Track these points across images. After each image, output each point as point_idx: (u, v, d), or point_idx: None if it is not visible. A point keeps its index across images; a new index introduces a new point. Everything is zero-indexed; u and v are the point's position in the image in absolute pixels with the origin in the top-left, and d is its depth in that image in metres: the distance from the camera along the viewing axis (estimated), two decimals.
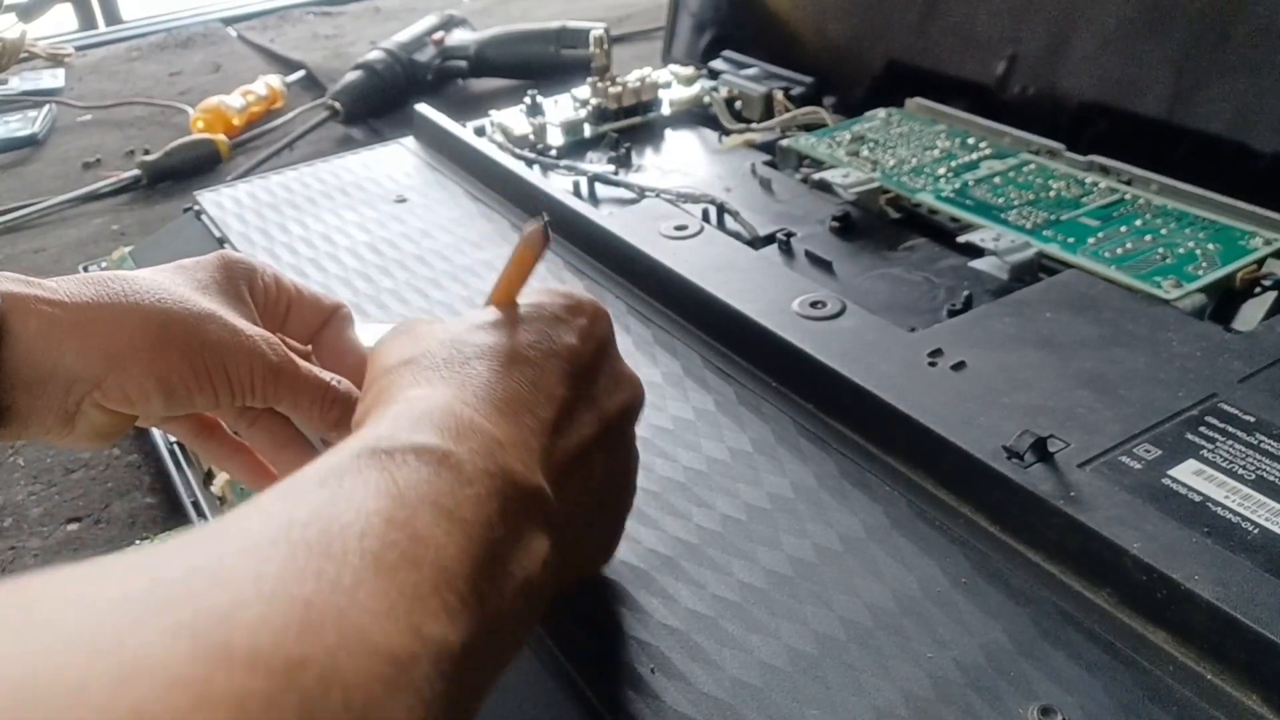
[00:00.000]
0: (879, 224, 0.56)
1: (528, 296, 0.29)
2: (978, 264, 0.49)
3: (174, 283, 0.34)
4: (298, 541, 0.18)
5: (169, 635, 0.14)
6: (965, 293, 0.48)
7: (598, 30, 0.72)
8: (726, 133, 0.69)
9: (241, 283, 0.36)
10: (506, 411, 0.25)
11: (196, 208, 0.64)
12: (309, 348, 0.39)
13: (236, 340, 0.33)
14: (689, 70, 0.75)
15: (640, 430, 0.39)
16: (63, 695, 0.13)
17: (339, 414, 0.36)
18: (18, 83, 1.16)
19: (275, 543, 0.17)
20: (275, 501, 0.19)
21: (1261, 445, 0.34)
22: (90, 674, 0.13)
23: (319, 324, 0.39)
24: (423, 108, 0.70)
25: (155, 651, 0.14)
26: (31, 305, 0.31)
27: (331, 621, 0.16)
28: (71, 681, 0.13)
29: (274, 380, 0.34)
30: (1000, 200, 0.54)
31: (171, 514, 0.51)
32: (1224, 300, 0.45)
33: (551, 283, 0.51)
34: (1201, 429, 0.35)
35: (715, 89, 0.72)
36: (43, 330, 0.31)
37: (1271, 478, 0.33)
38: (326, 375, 0.36)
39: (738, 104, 0.72)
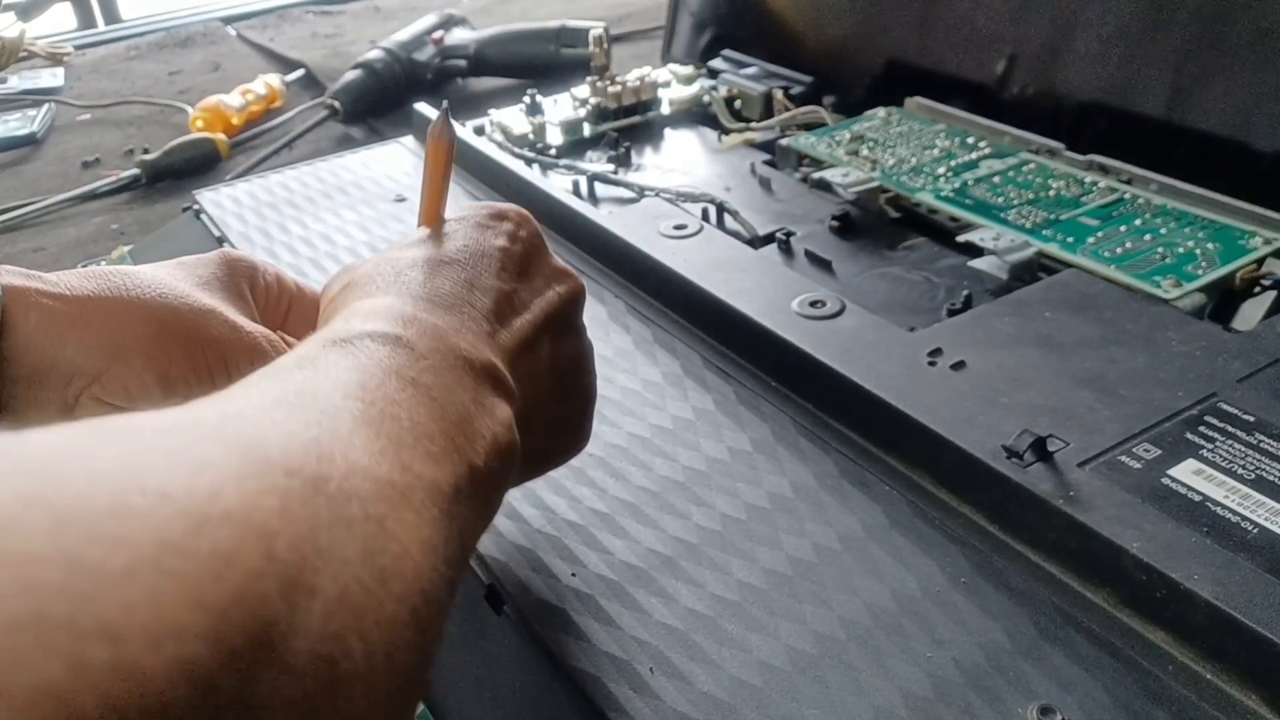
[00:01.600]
0: (878, 223, 0.56)
1: (452, 213, 0.31)
2: (977, 263, 0.49)
3: (176, 278, 0.34)
4: (294, 403, 0.20)
5: (223, 448, 0.17)
6: (965, 292, 0.48)
7: (597, 29, 0.72)
8: (726, 132, 0.69)
9: (243, 280, 0.36)
10: (445, 305, 0.27)
11: (196, 207, 0.64)
12: None
13: (237, 336, 0.33)
14: (688, 69, 0.75)
15: (641, 430, 0.40)
16: (153, 480, 0.15)
17: None
18: (17, 82, 1.16)
19: (277, 402, 0.20)
20: (260, 381, 0.21)
21: (1261, 445, 0.34)
22: (170, 467, 0.16)
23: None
24: (422, 107, 0.70)
25: (216, 456, 0.16)
26: (32, 298, 0.31)
27: (339, 455, 0.19)
28: (158, 471, 0.15)
29: None
30: (1000, 200, 0.54)
31: None
32: (1224, 300, 0.45)
33: None
34: (1201, 428, 0.35)
35: (715, 88, 0.72)
36: (43, 323, 0.31)
37: (1271, 477, 0.33)
38: None
39: (737, 103, 0.72)
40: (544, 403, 0.29)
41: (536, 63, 0.99)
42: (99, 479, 0.15)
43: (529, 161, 0.64)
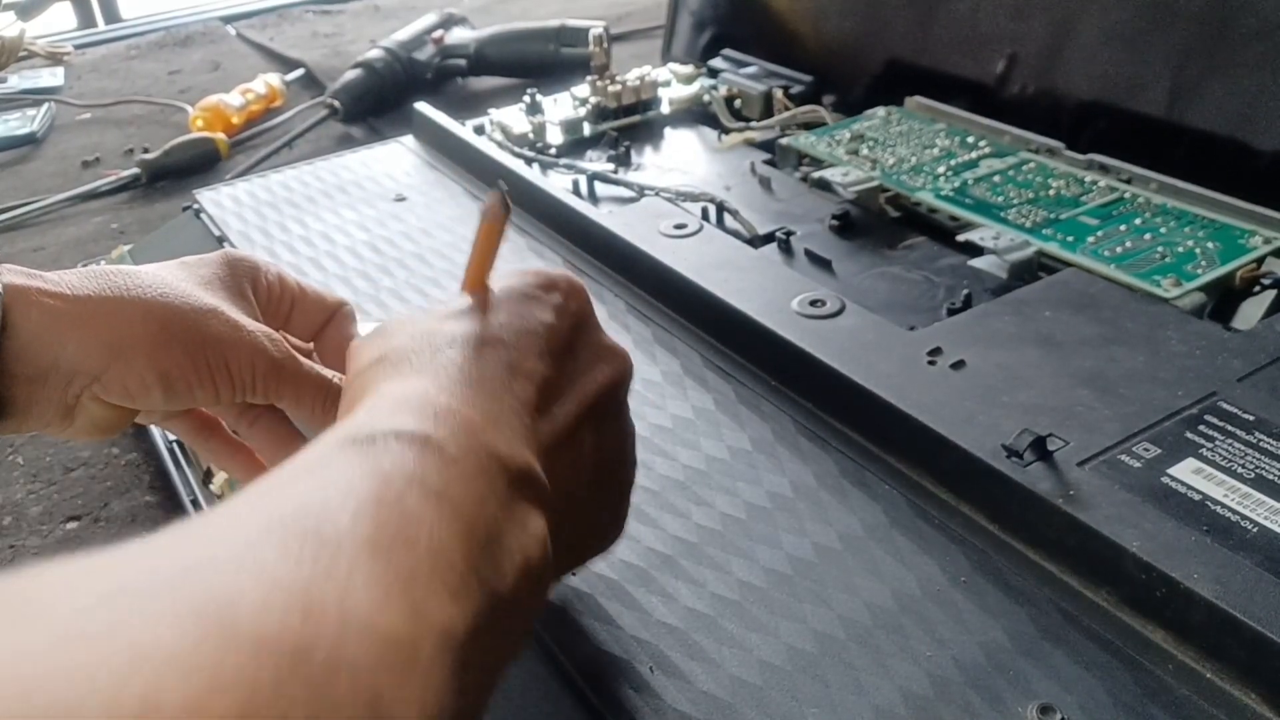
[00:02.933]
0: (878, 223, 0.56)
1: (500, 280, 0.28)
2: (977, 263, 0.49)
3: (177, 278, 0.34)
4: (290, 528, 0.17)
5: (174, 622, 0.14)
6: (965, 291, 0.48)
7: (597, 29, 0.72)
8: (726, 131, 0.69)
9: (245, 280, 0.36)
10: (483, 394, 0.24)
11: (196, 206, 0.64)
12: (311, 345, 0.39)
13: (238, 336, 0.33)
14: (688, 69, 0.75)
15: (640, 429, 0.39)
16: (69, 686, 0.13)
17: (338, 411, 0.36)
18: (17, 81, 1.16)
19: (268, 530, 0.17)
20: (263, 492, 0.19)
21: (1261, 444, 0.34)
22: (97, 662, 0.13)
23: (322, 322, 0.39)
24: (422, 106, 0.70)
25: (162, 638, 0.14)
26: (33, 297, 0.31)
27: (333, 607, 0.16)
28: (78, 671, 0.13)
29: (275, 376, 0.34)
30: (1000, 199, 0.54)
31: (171, 512, 0.51)
32: (1223, 299, 0.45)
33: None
34: (1201, 428, 0.35)
35: (715, 87, 0.72)
36: (44, 322, 0.31)
37: (1271, 476, 0.33)
38: (328, 373, 0.36)
39: (737, 102, 0.72)
40: (583, 500, 0.27)
41: (536, 62, 0.99)
42: (24, 654, 0.13)
43: (529, 161, 0.64)
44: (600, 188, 0.61)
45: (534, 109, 0.70)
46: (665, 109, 0.72)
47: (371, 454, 0.20)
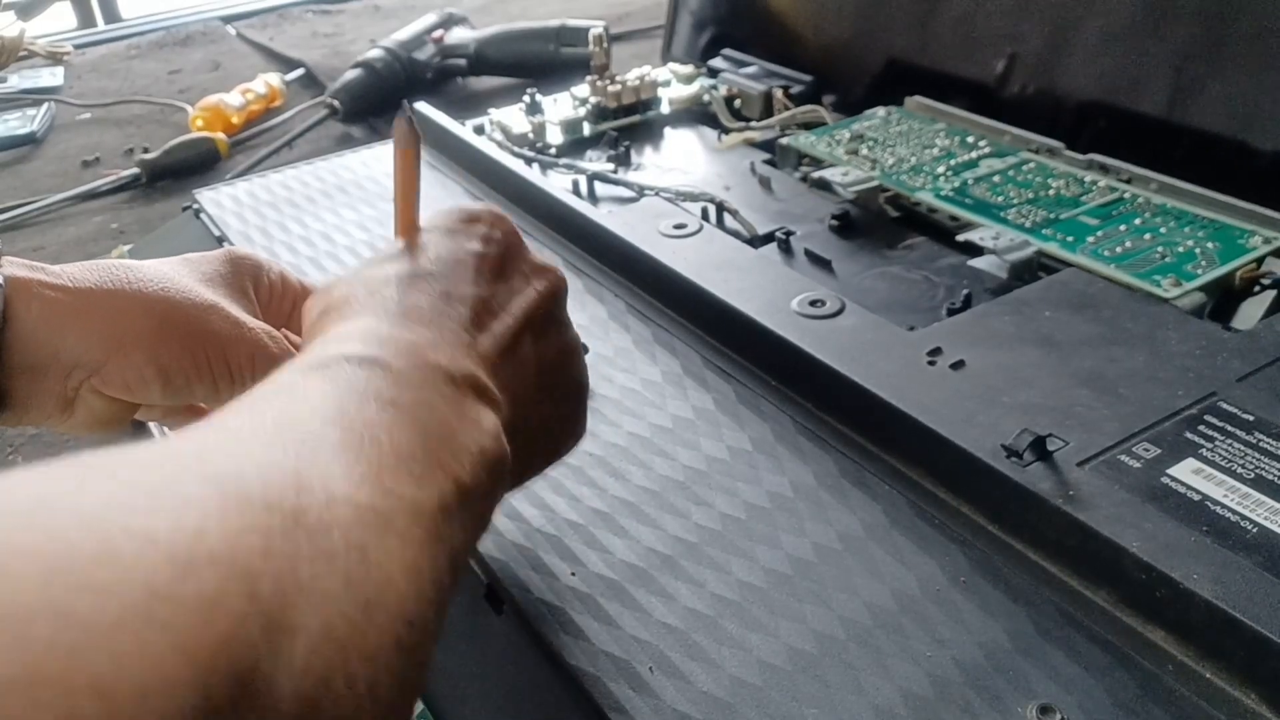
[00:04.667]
0: (878, 223, 0.56)
1: (427, 222, 0.30)
2: (977, 263, 0.49)
3: (179, 273, 0.34)
4: (272, 431, 0.20)
5: (200, 485, 0.16)
6: (964, 291, 0.48)
7: (597, 28, 0.72)
8: (726, 131, 0.69)
9: (246, 278, 0.36)
10: (420, 321, 0.26)
11: (196, 206, 0.64)
12: None
13: (238, 332, 0.33)
14: (688, 69, 0.75)
15: (640, 429, 0.40)
16: (139, 523, 0.15)
17: None
18: (17, 81, 1.16)
19: (254, 433, 0.20)
20: (239, 410, 0.21)
21: (1261, 444, 0.34)
22: (151, 509, 0.15)
23: None
24: (422, 106, 0.70)
25: (194, 495, 0.16)
26: (35, 289, 0.31)
27: (318, 484, 0.18)
28: (140, 515, 0.15)
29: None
30: (999, 199, 0.54)
31: None
32: (1223, 299, 0.45)
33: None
34: (1201, 428, 0.35)
35: (715, 87, 0.72)
36: (44, 314, 0.31)
37: (1270, 476, 0.33)
38: None
39: (737, 102, 0.72)
40: (534, 403, 0.29)
41: (536, 62, 0.99)
42: (86, 523, 0.15)
43: (529, 161, 0.64)
44: (600, 188, 0.61)
45: (534, 109, 0.70)
46: (665, 109, 0.72)
47: (329, 376, 0.23)
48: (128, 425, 0.37)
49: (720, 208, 0.57)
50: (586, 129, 0.69)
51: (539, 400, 0.29)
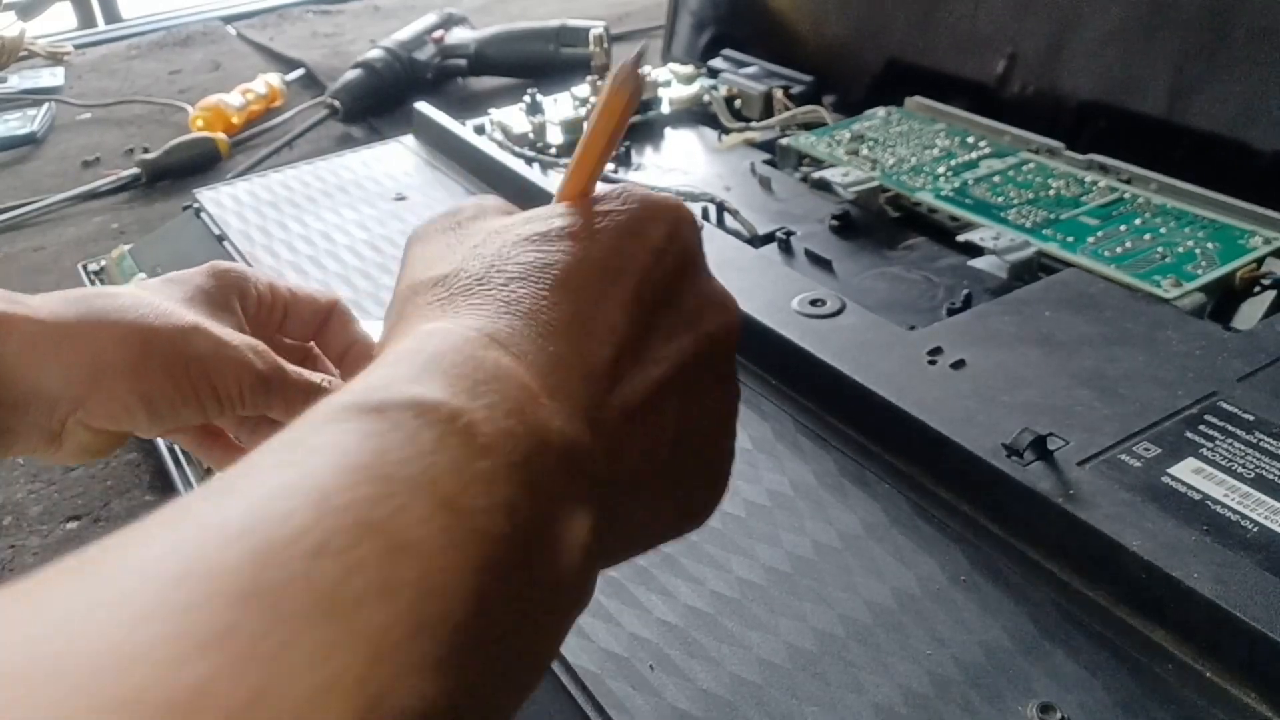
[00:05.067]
0: (878, 223, 0.56)
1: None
2: (977, 263, 0.49)
3: (160, 297, 0.34)
4: (217, 576, 0.13)
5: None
6: (965, 291, 0.48)
7: (597, 29, 0.72)
8: (726, 131, 0.69)
9: (231, 293, 0.36)
10: (549, 349, 0.19)
11: (196, 206, 0.64)
12: (311, 344, 0.39)
13: (221, 352, 0.33)
14: (689, 69, 0.75)
15: None
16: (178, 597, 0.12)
17: None
18: (17, 81, 1.16)
19: (179, 582, 0.13)
20: (205, 504, 0.15)
21: (1261, 444, 0.34)
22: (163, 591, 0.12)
23: (318, 322, 0.39)
24: (422, 106, 0.70)
25: None
26: (14, 324, 0.31)
27: (245, 687, 0.12)
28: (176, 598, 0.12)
29: (263, 389, 0.34)
30: (1000, 199, 0.54)
31: None
32: (1223, 299, 0.45)
33: None
34: (1201, 427, 0.35)
35: (715, 87, 0.72)
36: (24, 349, 0.31)
37: (1271, 476, 0.33)
38: (318, 377, 0.36)
39: (737, 103, 0.72)
40: (654, 480, 0.21)
41: (536, 62, 0.99)
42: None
43: (529, 160, 0.64)
44: (600, 188, 0.61)
45: (534, 109, 0.70)
46: (665, 109, 0.72)
47: (375, 434, 0.15)
48: (122, 447, 0.36)
49: (721, 208, 0.57)
50: (587, 129, 0.69)
51: (664, 477, 0.21)
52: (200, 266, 0.37)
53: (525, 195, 0.58)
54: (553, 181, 0.59)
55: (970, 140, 0.61)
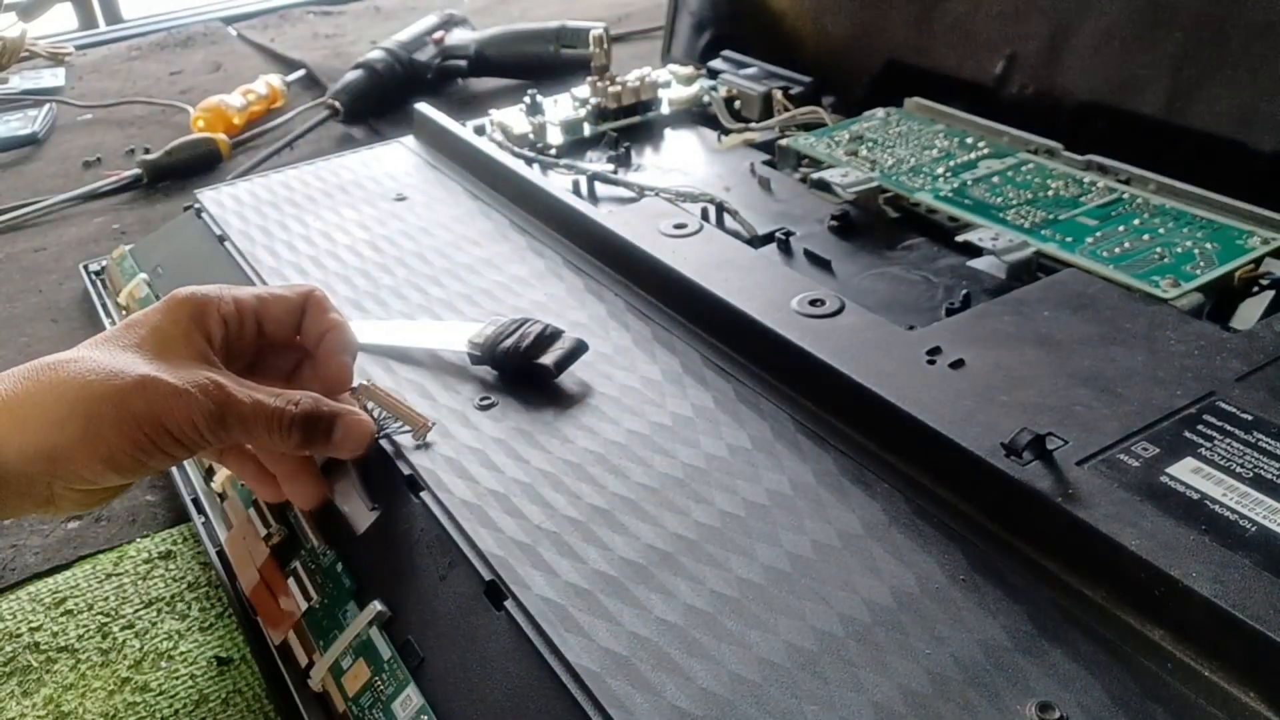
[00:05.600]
0: (878, 223, 0.56)
1: None
2: (976, 263, 0.49)
3: (108, 354, 0.34)
4: None
5: None
6: (963, 291, 0.48)
7: (597, 30, 0.73)
8: (726, 132, 0.69)
9: (191, 325, 0.36)
10: None
11: (197, 206, 0.64)
12: (297, 340, 0.40)
13: (168, 401, 0.33)
14: (688, 70, 0.75)
15: (640, 427, 0.40)
16: None
17: (299, 437, 0.36)
18: (18, 82, 1.16)
19: None
20: None
21: (1259, 443, 0.34)
22: None
23: (296, 317, 0.40)
24: (423, 107, 0.70)
25: None
26: None
27: None
28: None
29: (219, 424, 0.34)
30: (998, 199, 0.54)
31: (172, 511, 0.51)
32: (1222, 299, 0.46)
33: (550, 281, 0.51)
34: (1199, 427, 0.35)
35: (714, 88, 0.73)
36: None
37: (1269, 476, 0.33)
38: (280, 401, 0.36)
39: (737, 103, 0.72)
40: None
41: (537, 63, 1.00)
42: None
43: (529, 161, 0.64)
44: (600, 188, 0.61)
45: (534, 109, 0.70)
46: (665, 110, 0.72)
47: None
48: (129, 489, 0.37)
49: (720, 208, 0.57)
50: (587, 130, 0.69)
51: None
52: (159, 303, 0.37)
53: (525, 195, 0.58)
54: (553, 182, 0.59)
55: (969, 141, 0.61)
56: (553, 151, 0.67)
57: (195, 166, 0.89)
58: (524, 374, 0.43)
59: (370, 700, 0.34)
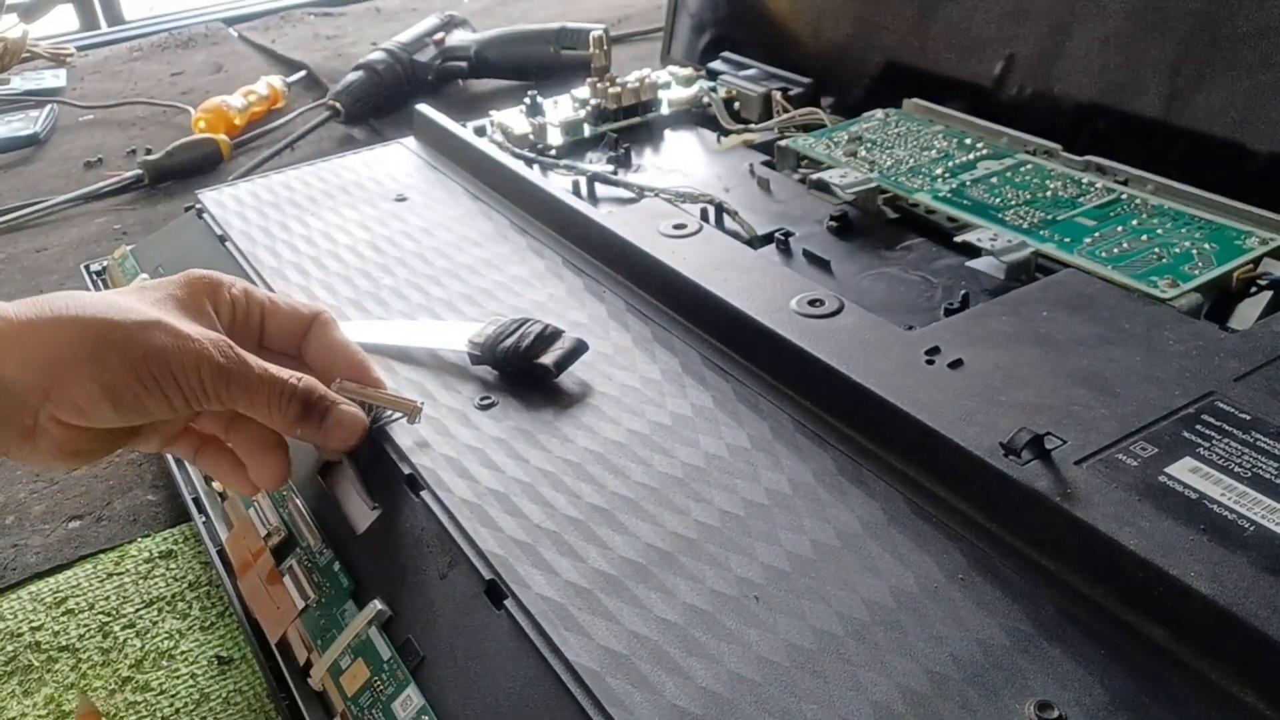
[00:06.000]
0: (876, 224, 0.56)
1: None
2: (975, 263, 0.49)
3: (124, 296, 0.35)
4: None
5: None
6: (962, 292, 0.48)
7: (597, 31, 0.73)
8: (725, 133, 0.69)
9: (203, 296, 0.37)
10: None
11: (198, 206, 0.64)
12: (297, 353, 0.40)
13: (181, 344, 0.33)
14: (688, 71, 0.75)
15: (640, 426, 0.40)
16: None
17: (298, 410, 0.36)
18: (19, 82, 1.16)
19: None
20: None
21: (1257, 443, 0.34)
22: None
23: (301, 332, 0.40)
24: (423, 108, 0.70)
25: None
26: None
27: None
28: None
29: (224, 381, 0.34)
30: (997, 200, 0.54)
31: (173, 511, 0.51)
32: (1220, 299, 0.46)
33: (550, 281, 0.51)
34: (1198, 427, 0.35)
35: (714, 89, 0.73)
36: None
37: (1267, 475, 0.33)
38: (284, 373, 0.36)
39: (736, 104, 0.72)
40: None
41: (537, 64, 1.00)
42: None
43: (529, 162, 0.64)
44: (600, 188, 0.61)
45: (534, 110, 0.71)
46: (665, 111, 0.72)
47: None
48: (105, 456, 0.37)
49: (720, 209, 0.57)
50: (587, 130, 0.69)
51: None
52: (176, 274, 0.37)
53: (525, 196, 0.58)
54: (553, 183, 0.59)
55: (968, 142, 0.61)
56: (553, 152, 0.67)
57: (196, 167, 0.90)
58: (524, 374, 0.43)
59: (370, 700, 0.34)
